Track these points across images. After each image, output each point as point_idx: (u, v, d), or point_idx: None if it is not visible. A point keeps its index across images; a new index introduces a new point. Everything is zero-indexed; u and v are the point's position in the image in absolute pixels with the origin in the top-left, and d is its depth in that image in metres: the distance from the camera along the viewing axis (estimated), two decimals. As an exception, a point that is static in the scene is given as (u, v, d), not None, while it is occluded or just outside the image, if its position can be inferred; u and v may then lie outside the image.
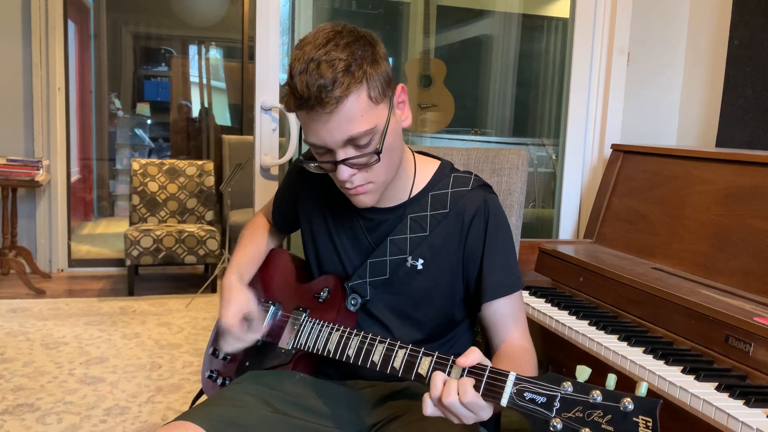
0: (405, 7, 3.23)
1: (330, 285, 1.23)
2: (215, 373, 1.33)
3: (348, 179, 1.05)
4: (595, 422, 0.77)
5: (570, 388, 0.80)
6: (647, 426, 0.74)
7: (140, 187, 4.40)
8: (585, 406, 0.78)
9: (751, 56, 1.99)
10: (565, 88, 2.38)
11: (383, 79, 1.03)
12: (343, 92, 0.97)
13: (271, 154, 2.12)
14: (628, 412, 0.75)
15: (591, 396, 0.78)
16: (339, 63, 0.97)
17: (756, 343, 1.18)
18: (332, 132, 1.00)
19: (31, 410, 2.38)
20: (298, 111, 1.02)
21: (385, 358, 1.03)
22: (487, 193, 1.18)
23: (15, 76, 4.18)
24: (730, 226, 1.54)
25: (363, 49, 1.00)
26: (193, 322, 3.51)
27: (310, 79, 0.96)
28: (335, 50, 0.98)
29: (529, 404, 0.82)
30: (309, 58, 0.98)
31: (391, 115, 1.05)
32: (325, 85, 0.96)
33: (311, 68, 0.97)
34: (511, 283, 1.15)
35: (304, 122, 1.03)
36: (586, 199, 2.35)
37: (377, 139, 1.03)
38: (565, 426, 0.78)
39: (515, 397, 0.84)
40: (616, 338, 1.38)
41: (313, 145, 1.05)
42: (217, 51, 6.85)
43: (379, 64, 1.02)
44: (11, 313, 3.51)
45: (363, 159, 1.04)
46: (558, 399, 0.80)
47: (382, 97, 1.03)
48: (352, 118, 0.99)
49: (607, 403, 0.77)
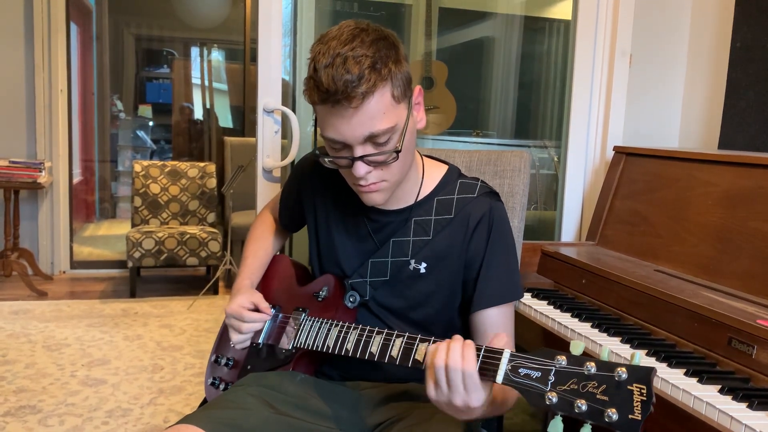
0: (407, 9, 3.23)
1: (329, 284, 1.24)
2: (218, 380, 1.33)
3: (363, 176, 1.05)
4: (590, 393, 0.77)
5: (564, 362, 0.81)
6: (641, 393, 0.74)
7: (142, 189, 4.40)
8: (579, 378, 0.78)
9: (754, 58, 1.98)
10: (567, 90, 2.37)
11: (405, 79, 1.03)
12: (369, 88, 0.97)
13: (273, 156, 2.12)
14: (622, 381, 0.75)
15: (585, 368, 0.78)
16: (365, 60, 0.97)
17: (759, 346, 1.18)
18: (354, 128, 1.00)
19: (33, 412, 2.38)
20: (322, 105, 1.01)
21: (383, 347, 1.03)
22: (492, 201, 1.18)
23: (17, 78, 4.19)
24: (733, 228, 1.53)
25: (387, 48, 1.01)
26: (195, 324, 3.51)
27: (336, 73, 0.96)
28: (361, 47, 0.98)
29: (525, 380, 0.83)
30: (335, 53, 0.97)
31: (410, 115, 1.06)
32: (351, 81, 0.96)
33: (338, 63, 0.97)
34: (506, 294, 1.15)
35: (325, 116, 1.02)
36: (588, 201, 2.35)
37: (396, 137, 1.04)
38: (560, 399, 0.79)
39: (510, 373, 0.84)
40: (619, 340, 1.38)
41: (331, 140, 1.04)
42: (218, 53, 6.86)
43: (402, 64, 1.03)
44: (13, 315, 3.51)
45: (381, 157, 1.04)
46: (552, 373, 0.81)
47: (404, 96, 1.04)
48: (375, 115, 1.00)
49: (602, 374, 0.77)
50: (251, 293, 1.27)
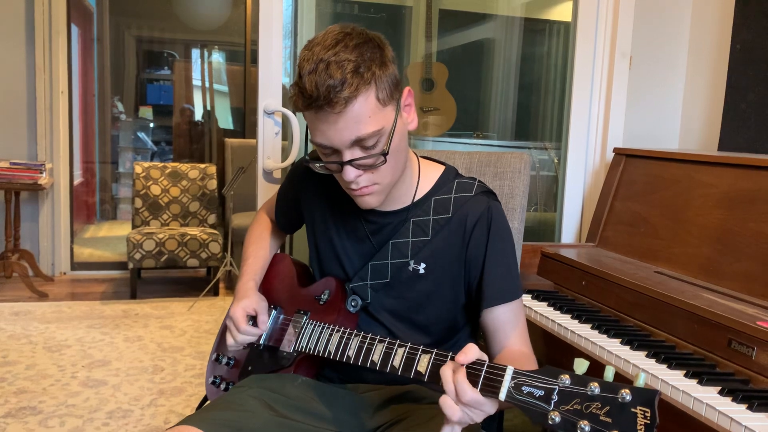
0: (407, 10, 3.24)
1: (330, 287, 1.23)
2: (219, 378, 1.33)
3: (354, 180, 1.05)
4: (593, 414, 0.76)
5: (568, 381, 0.80)
6: (645, 416, 0.73)
7: (143, 191, 4.40)
8: (583, 398, 0.78)
9: (754, 60, 1.99)
10: (567, 91, 2.38)
11: (391, 82, 1.03)
12: (351, 93, 0.97)
13: (274, 157, 2.12)
14: (626, 403, 0.75)
15: (589, 388, 0.78)
16: (348, 64, 0.97)
17: (759, 348, 1.18)
18: (340, 132, 1.00)
19: (34, 413, 2.38)
20: (306, 111, 1.02)
21: (384, 356, 1.03)
22: (490, 200, 1.18)
23: (18, 79, 4.19)
24: (733, 229, 1.53)
25: (372, 51, 1.01)
26: (195, 325, 3.51)
27: (319, 79, 0.97)
28: (344, 51, 0.98)
29: (527, 398, 0.82)
30: (318, 58, 0.98)
31: (398, 118, 1.06)
32: (334, 86, 0.96)
33: (320, 69, 0.97)
34: (512, 290, 1.15)
35: (312, 122, 1.03)
36: (588, 203, 2.35)
37: (384, 140, 1.04)
38: (563, 419, 0.78)
39: (513, 391, 0.83)
40: (619, 342, 1.38)
41: (319, 145, 1.05)
42: (219, 54, 6.87)
43: (388, 67, 1.03)
44: (14, 316, 3.51)
45: (369, 160, 1.04)
46: (556, 392, 0.80)
47: (390, 99, 1.04)
48: (360, 119, 1.00)
49: (605, 395, 0.76)
50: (257, 300, 1.27)
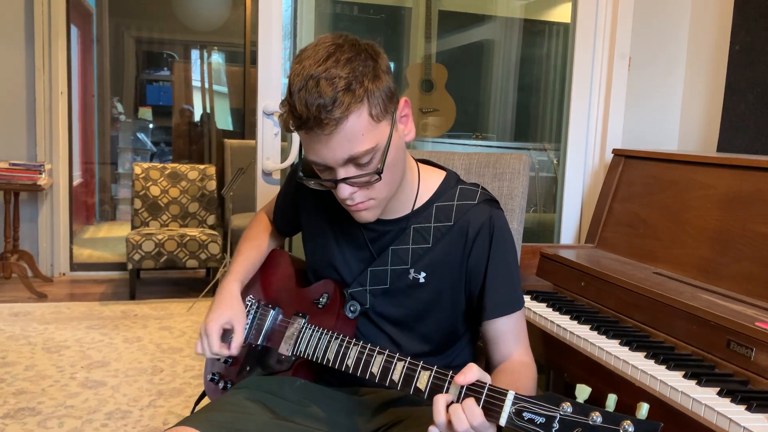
0: (407, 11, 3.24)
1: (329, 291, 1.22)
2: (217, 375, 1.33)
3: (349, 197, 1.04)
4: None
5: (569, 409, 0.79)
6: None
7: (142, 191, 4.40)
8: (584, 428, 0.77)
9: (752, 61, 1.99)
10: (567, 92, 2.38)
11: (385, 95, 1.00)
12: (342, 113, 0.94)
13: (273, 158, 2.12)
14: None
15: (590, 418, 0.77)
16: (339, 81, 0.94)
17: (758, 348, 1.18)
18: (333, 151, 0.98)
19: (33, 414, 2.38)
20: (298, 131, 0.99)
21: (383, 370, 1.02)
22: (493, 209, 1.16)
23: (18, 80, 4.19)
24: (732, 231, 1.54)
25: (364, 64, 0.97)
26: (194, 326, 3.51)
27: (309, 97, 0.94)
28: (335, 67, 0.95)
29: (528, 425, 0.81)
30: (308, 74, 0.95)
31: (394, 131, 1.03)
32: (324, 105, 0.93)
33: (310, 86, 0.94)
34: (514, 302, 1.14)
35: (304, 140, 1.01)
36: (587, 204, 2.35)
37: (378, 157, 1.01)
38: None
39: (514, 417, 0.82)
40: (618, 343, 1.38)
41: (313, 162, 1.03)
42: (219, 55, 6.87)
43: (381, 80, 0.99)
44: (13, 317, 3.51)
45: (364, 178, 1.02)
46: (557, 420, 0.79)
47: (384, 113, 1.00)
48: (353, 137, 0.97)
49: (607, 426, 0.75)
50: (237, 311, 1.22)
